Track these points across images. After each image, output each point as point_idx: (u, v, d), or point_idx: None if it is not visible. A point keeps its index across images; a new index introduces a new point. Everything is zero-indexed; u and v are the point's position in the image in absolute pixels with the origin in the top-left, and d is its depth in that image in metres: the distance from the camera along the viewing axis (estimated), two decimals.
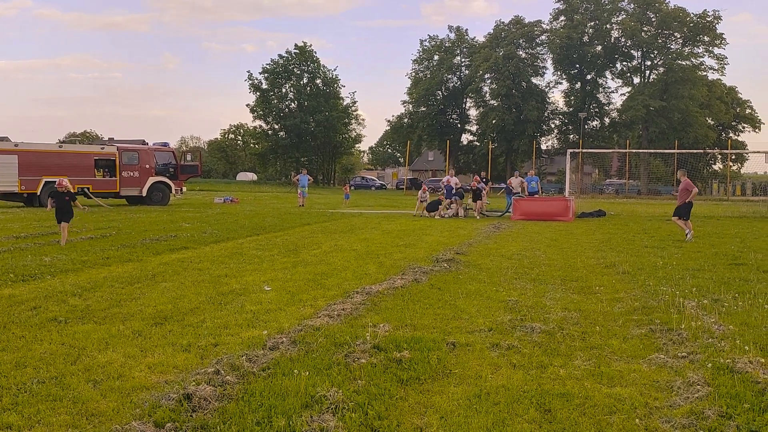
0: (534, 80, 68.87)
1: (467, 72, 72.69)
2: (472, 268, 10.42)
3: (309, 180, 32.30)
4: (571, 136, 67.31)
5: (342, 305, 7.25)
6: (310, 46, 75.32)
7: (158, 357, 5.30)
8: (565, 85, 69.66)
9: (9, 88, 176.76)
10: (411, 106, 74.67)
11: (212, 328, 6.28)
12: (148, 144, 30.85)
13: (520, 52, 68.06)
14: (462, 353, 5.53)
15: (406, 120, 75.42)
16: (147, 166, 28.86)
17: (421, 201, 24.92)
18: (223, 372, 4.75)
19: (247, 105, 76.88)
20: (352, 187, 37.54)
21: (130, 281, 8.79)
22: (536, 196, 26.29)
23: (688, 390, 4.49)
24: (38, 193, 25.86)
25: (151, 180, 28.91)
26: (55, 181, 25.88)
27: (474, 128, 74.77)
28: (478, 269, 10.34)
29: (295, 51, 74.58)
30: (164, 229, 16.45)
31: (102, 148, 28.98)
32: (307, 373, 4.73)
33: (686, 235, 15.12)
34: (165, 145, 31.25)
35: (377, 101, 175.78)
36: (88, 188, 27.07)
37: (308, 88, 74.86)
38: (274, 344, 5.58)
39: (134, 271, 9.66)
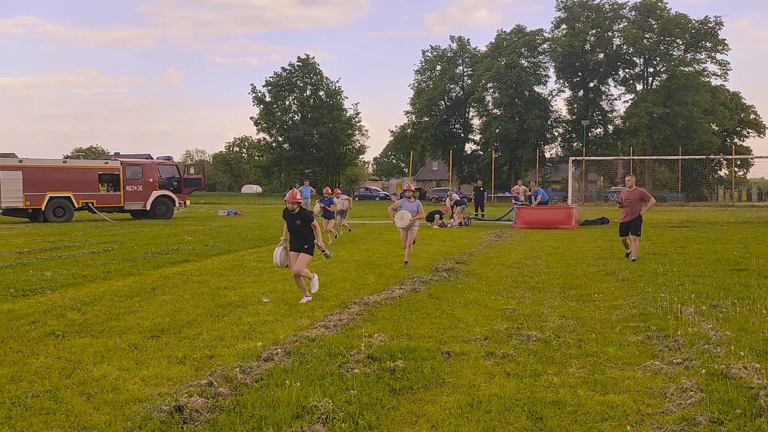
0: (536, 89, 69.08)
1: (470, 81, 72.93)
2: (471, 277, 10.41)
3: (312, 192, 32.37)
4: (575, 143, 67.35)
5: (339, 316, 7.26)
6: (313, 58, 75.94)
7: (153, 370, 5.31)
8: (567, 93, 69.97)
9: (15, 105, 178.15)
10: (414, 116, 74.95)
11: (208, 340, 6.29)
12: (153, 158, 31.01)
13: (522, 61, 68.24)
14: (456, 362, 5.53)
15: (409, 130, 75.65)
16: (151, 180, 28.99)
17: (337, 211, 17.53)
18: (216, 384, 4.76)
19: (251, 118, 77.44)
20: (390, 197, 35.71)
21: (130, 295, 8.82)
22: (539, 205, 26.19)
23: (681, 396, 4.47)
24: (43, 209, 26.00)
25: (155, 194, 29.03)
26: (61, 197, 26.17)
27: (477, 137, 74.97)
28: (478, 278, 10.33)
29: (298, 63, 75.10)
30: (167, 242, 16.50)
31: (106, 163, 29.15)
32: (299, 383, 4.73)
33: (629, 254, 12.66)
34: (168, 158, 31.39)
35: (381, 112, 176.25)
36: (92, 203, 27.20)
37: (311, 100, 75.28)
38: (268, 355, 5.59)
39: (134, 285, 9.70)
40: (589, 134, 65.36)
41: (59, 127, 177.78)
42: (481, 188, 29.97)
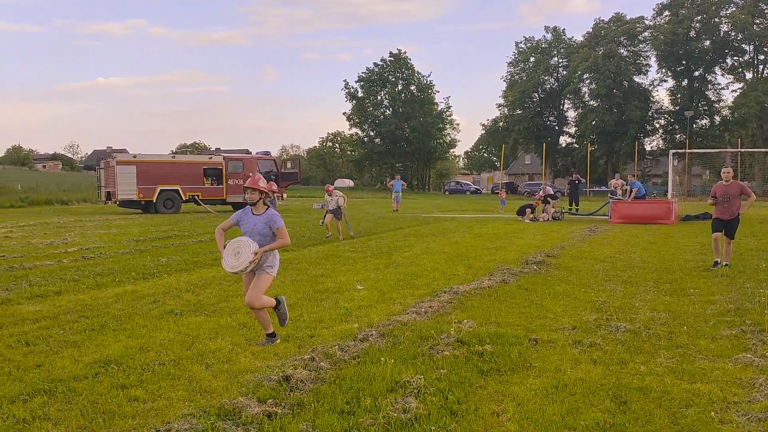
0: (636, 79, 66.26)
1: (565, 73, 71.11)
2: (562, 270, 10.45)
3: (403, 185, 32.84)
4: (678, 135, 64.21)
5: (430, 303, 7.59)
6: (405, 53, 76.38)
7: (261, 346, 5.84)
8: (670, 82, 66.60)
9: (125, 104, 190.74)
10: (506, 109, 74.00)
11: (309, 321, 6.80)
12: (251, 153, 32.50)
13: (621, 50, 65.70)
14: (543, 349, 5.72)
15: (501, 123, 74.80)
16: (250, 174, 30.40)
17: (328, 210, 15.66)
18: (317, 359, 5.21)
19: (343, 113, 79.08)
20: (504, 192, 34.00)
21: (236, 279, 9.50)
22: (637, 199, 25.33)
23: None
24: (154, 201, 27.91)
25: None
26: (170, 189, 28.01)
27: (572, 130, 72.97)
28: (569, 271, 10.36)
29: (390, 59, 75.82)
30: None
31: (210, 158, 30.85)
32: (393, 361, 5.11)
33: (720, 263, 10.58)
34: (267, 153, 32.79)
35: (473, 105, 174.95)
36: (198, 195, 28.91)
37: (403, 95, 75.88)
38: (364, 336, 6.00)
39: None
40: (694, 126, 62.09)
41: (164, 124, 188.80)
42: (576, 181, 29.33)
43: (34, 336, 6.18)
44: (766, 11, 59.64)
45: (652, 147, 68.50)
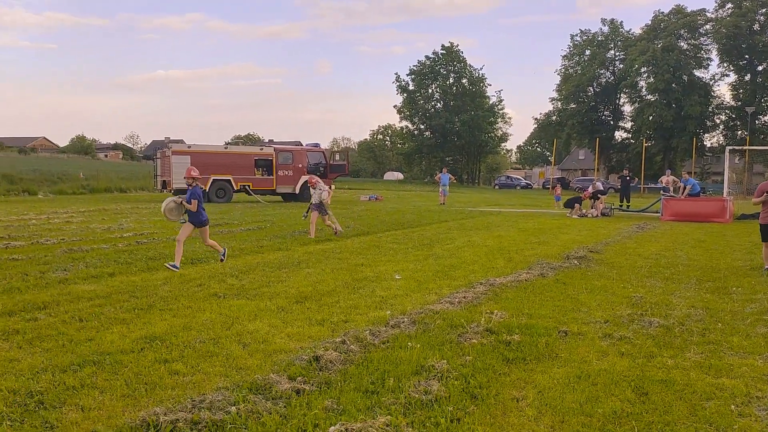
0: (697, 73, 64.14)
1: (621, 66, 69.35)
2: (603, 266, 10.38)
3: (451, 179, 32.83)
4: (739, 132, 61.90)
5: (464, 294, 7.70)
6: (457, 46, 75.99)
7: (296, 328, 6.10)
8: (732, 77, 64.19)
9: (184, 95, 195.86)
10: (560, 103, 72.72)
11: (344, 307, 7.02)
12: (302, 145, 33.03)
13: (681, 44, 63.70)
14: (572, 340, 5.78)
15: (554, 117, 73.58)
16: (300, 165, 30.95)
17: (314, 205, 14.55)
18: (348, 342, 5.42)
19: (394, 106, 79.14)
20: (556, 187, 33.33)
21: (279, 266, 9.85)
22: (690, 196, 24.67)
23: None
24: (207, 190, 28.69)
25: (304, 178, 30.94)
26: (222, 179, 28.79)
27: (628, 125, 71.28)
28: (609, 267, 10.29)
29: (442, 52, 75.52)
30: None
31: (261, 149, 31.51)
32: (420, 346, 5.27)
33: None
34: (316, 145, 33.26)
35: (527, 99, 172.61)
36: (248, 186, 29.60)
37: (454, 88, 75.51)
38: (395, 323, 6.18)
39: (283, 259, 10.76)
40: (756, 122, 59.73)
41: (220, 116, 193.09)
42: (627, 177, 28.87)
43: (88, 313, 6.60)
44: None
45: (711, 144, 66.29)
